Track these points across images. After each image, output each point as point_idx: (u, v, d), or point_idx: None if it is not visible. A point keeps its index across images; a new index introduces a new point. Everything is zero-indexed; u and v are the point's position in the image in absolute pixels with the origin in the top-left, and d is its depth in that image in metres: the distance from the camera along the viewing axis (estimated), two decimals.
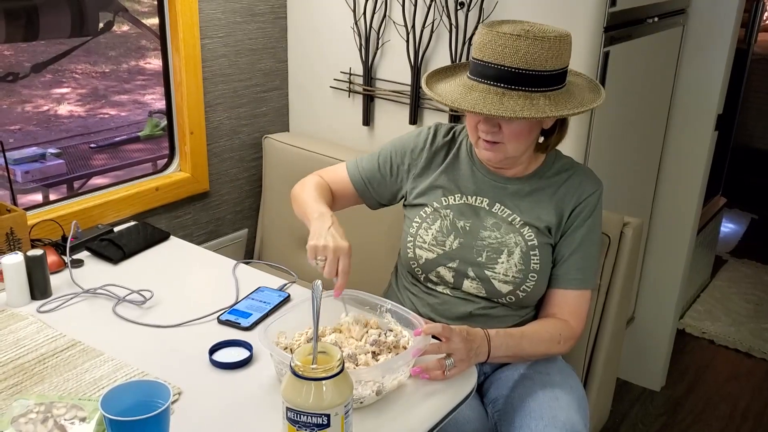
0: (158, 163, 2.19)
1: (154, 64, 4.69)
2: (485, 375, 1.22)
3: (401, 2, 1.59)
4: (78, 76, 4.61)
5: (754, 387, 2.17)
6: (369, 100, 1.73)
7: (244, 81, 1.78)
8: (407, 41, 1.61)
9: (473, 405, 1.14)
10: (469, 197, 1.19)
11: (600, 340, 1.36)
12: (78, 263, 1.30)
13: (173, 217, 1.72)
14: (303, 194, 1.21)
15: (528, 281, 1.15)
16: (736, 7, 1.77)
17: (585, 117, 1.46)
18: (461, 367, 1.01)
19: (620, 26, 1.47)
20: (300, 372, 0.79)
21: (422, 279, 1.22)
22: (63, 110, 4.30)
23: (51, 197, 2.55)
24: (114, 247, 1.34)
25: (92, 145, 3.47)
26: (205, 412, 0.92)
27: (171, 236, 1.44)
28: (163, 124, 1.86)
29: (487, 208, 1.18)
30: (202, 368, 1.02)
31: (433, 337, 1.01)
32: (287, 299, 1.20)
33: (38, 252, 1.18)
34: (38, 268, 1.17)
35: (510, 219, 1.17)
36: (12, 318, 1.12)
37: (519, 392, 1.13)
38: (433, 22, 1.56)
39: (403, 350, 1.00)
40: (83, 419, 0.87)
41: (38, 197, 2.79)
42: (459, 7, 1.50)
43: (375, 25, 1.65)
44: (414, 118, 1.66)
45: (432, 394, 0.97)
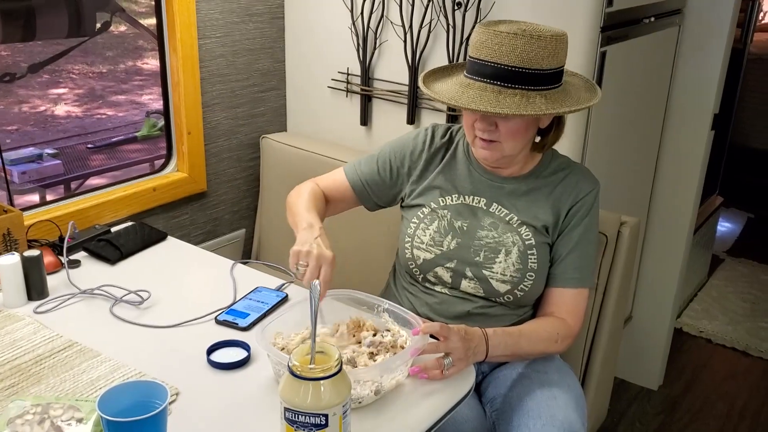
0: (156, 164, 2.19)
1: (152, 65, 4.68)
2: (483, 374, 1.22)
3: (398, 2, 1.59)
4: (75, 77, 4.60)
5: (752, 386, 2.17)
6: (367, 100, 1.73)
7: (242, 81, 1.78)
8: (405, 41, 1.61)
9: (471, 404, 1.14)
10: (467, 197, 1.19)
11: (597, 339, 1.37)
12: (75, 264, 1.30)
13: (171, 218, 1.72)
14: (296, 203, 1.20)
15: (526, 280, 1.16)
16: (732, 7, 1.77)
17: (582, 117, 1.46)
18: (459, 367, 1.01)
19: (617, 26, 1.47)
20: (298, 372, 0.79)
21: (420, 279, 1.22)
22: (60, 111, 4.29)
23: (48, 198, 2.55)
24: (111, 248, 1.34)
25: (89, 146, 3.46)
26: (203, 413, 0.92)
27: (168, 236, 1.44)
28: (161, 125, 1.86)
29: (485, 208, 1.18)
30: (200, 368, 1.02)
31: (431, 336, 1.01)
32: (285, 299, 1.20)
33: (35, 252, 1.17)
34: (35, 269, 1.17)
35: (507, 218, 1.17)
36: (9, 319, 1.12)
37: (517, 391, 1.13)
38: (431, 22, 1.56)
39: (401, 350, 1.00)
40: (80, 420, 0.87)
41: (35, 198, 2.78)
42: (456, 7, 1.51)
43: (372, 25, 1.65)
44: (412, 118, 1.66)
45: (430, 394, 0.97)
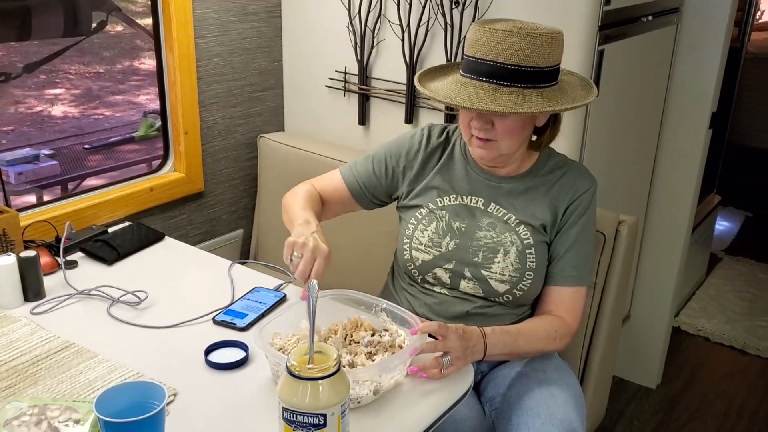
0: (153, 164, 2.18)
1: (149, 65, 4.67)
2: (482, 373, 1.22)
3: (396, 1, 1.59)
4: (72, 77, 4.59)
5: (750, 384, 2.17)
6: (364, 99, 1.73)
7: (239, 80, 1.78)
8: (402, 40, 1.60)
9: (470, 403, 1.14)
10: (464, 197, 1.19)
11: (596, 338, 1.37)
12: (72, 264, 1.30)
13: (168, 218, 1.71)
14: (292, 203, 1.20)
15: (524, 280, 1.15)
16: (730, 6, 1.77)
17: (580, 115, 1.46)
18: (458, 366, 1.01)
19: (615, 25, 1.47)
20: (296, 372, 0.78)
21: (419, 280, 1.22)
22: (57, 111, 4.28)
23: (45, 199, 2.54)
24: (108, 248, 1.34)
25: (86, 146, 3.45)
26: (201, 413, 0.92)
27: (166, 237, 1.43)
28: (158, 125, 1.85)
29: (483, 208, 1.18)
30: (198, 369, 1.01)
31: (430, 336, 1.01)
32: (283, 299, 1.20)
33: (31, 253, 1.17)
34: (31, 270, 1.16)
35: (505, 218, 1.17)
36: (5, 320, 1.12)
37: (516, 390, 1.13)
38: (428, 21, 1.56)
39: (400, 349, 1.00)
40: (77, 421, 0.86)
41: (32, 199, 2.77)
42: (454, 6, 1.50)
43: (370, 24, 1.65)
44: (410, 117, 1.66)
45: (429, 393, 0.97)
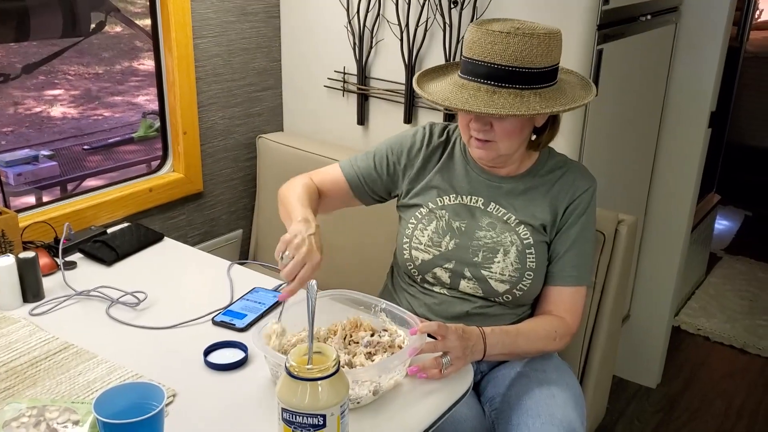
0: (152, 164, 2.18)
1: (148, 65, 4.67)
2: (482, 373, 1.22)
3: (395, 1, 1.59)
4: (71, 78, 4.58)
5: (750, 383, 2.17)
6: (363, 99, 1.73)
7: (238, 81, 1.78)
8: (401, 40, 1.60)
9: (470, 403, 1.14)
10: (464, 197, 1.19)
11: (596, 338, 1.36)
12: (71, 265, 1.29)
13: (167, 218, 1.71)
14: (290, 196, 1.19)
15: (524, 280, 1.15)
16: (728, 5, 1.77)
17: (579, 115, 1.46)
18: (458, 366, 1.00)
19: (613, 24, 1.47)
20: (295, 372, 0.78)
21: (419, 280, 1.22)
22: (56, 112, 4.27)
23: (44, 200, 2.54)
24: (107, 249, 1.33)
25: (85, 147, 3.45)
26: (200, 414, 0.92)
27: (165, 237, 1.43)
28: (157, 125, 1.85)
29: (482, 208, 1.18)
30: (197, 370, 1.01)
31: (429, 336, 1.00)
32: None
33: (30, 254, 1.17)
34: (30, 271, 1.16)
35: (505, 218, 1.17)
36: (4, 321, 1.11)
37: (516, 390, 1.13)
38: (427, 21, 1.56)
39: (399, 350, 1.00)
40: (76, 422, 0.86)
41: (31, 200, 2.76)
42: (453, 6, 1.50)
43: (369, 24, 1.65)
44: (409, 117, 1.66)
45: (429, 393, 0.97)
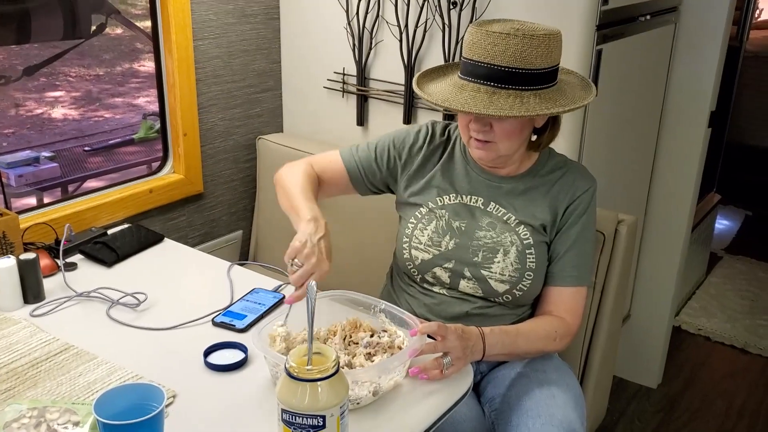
0: (153, 166, 2.18)
1: (149, 67, 4.67)
2: (482, 374, 1.22)
3: (394, 2, 1.59)
4: (72, 79, 4.59)
5: (750, 383, 2.17)
6: (363, 100, 1.73)
7: (238, 82, 1.78)
8: (400, 41, 1.60)
9: (470, 404, 1.14)
10: (464, 197, 1.19)
11: (596, 338, 1.36)
12: (71, 266, 1.30)
13: (167, 219, 1.71)
14: (292, 184, 1.17)
15: (524, 280, 1.15)
16: (728, 5, 1.77)
17: (579, 115, 1.46)
18: (458, 366, 1.01)
19: (613, 24, 1.47)
20: (295, 373, 0.78)
21: (418, 280, 1.22)
22: (57, 113, 4.28)
23: (45, 201, 2.54)
24: (107, 250, 1.34)
25: (86, 148, 3.45)
26: (200, 415, 0.92)
27: (165, 238, 1.44)
28: (158, 127, 1.85)
29: (482, 208, 1.18)
30: (197, 371, 1.01)
31: (429, 336, 1.00)
32: (282, 300, 1.20)
33: (31, 255, 1.17)
34: (31, 272, 1.16)
35: (505, 218, 1.17)
36: (5, 322, 1.12)
37: (516, 391, 1.13)
38: (426, 22, 1.56)
39: (399, 350, 1.00)
40: (76, 423, 0.87)
41: (32, 201, 2.77)
42: (452, 7, 1.50)
43: (368, 25, 1.65)
44: (408, 118, 1.66)
45: (429, 394, 0.97)
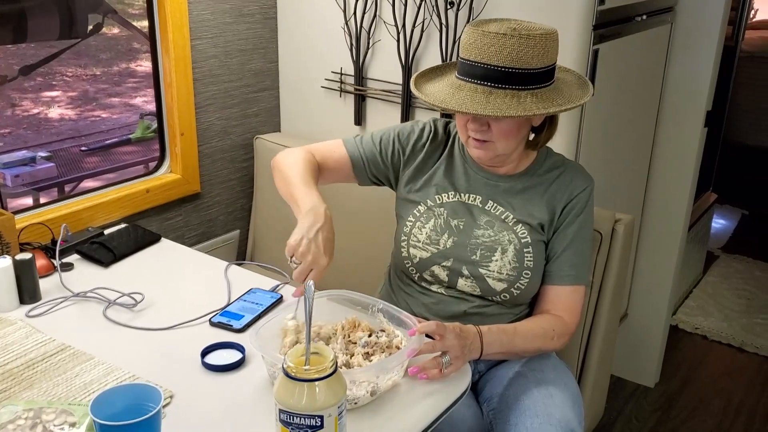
0: (150, 165, 2.18)
1: (146, 67, 4.66)
2: (480, 373, 1.22)
3: (391, 2, 1.59)
4: (69, 79, 4.58)
5: (748, 381, 2.18)
6: (360, 100, 1.73)
7: (235, 82, 1.78)
8: (398, 41, 1.60)
9: (468, 404, 1.14)
10: (463, 195, 1.19)
11: (593, 337, 1.37)
12: (68, 267, 1.29)
13: (164, 219, 1.71)
14: (291, 170, 1.15)
15: (522, 279, 1.15)
16: (723, 5, 1.78)
17: (575, 114, 1.46)
18: (457, 365, 1.01)
19: (609, 24, 1.48)
20: (292, 373, 0.78)
21: (416, 278, 1.22)
22: (53, 113, 4.27)
23: (41, 201, 2.53)
24: (104, 250, 1.33)
25: (83, 148, 3.45)
26: (198, 415, 0.92)
27: (162, 238, 1.43)
28: (155, 126, 1.85)
29: (480, 206, 1.18)
30: (194, 371, 1.01)
31: (427, 336, 1.00)
32: (280, 300, 1.20)
33: (27, 256, 1.17)
34: (27, 272, 1.16)
35: (503, 217, 1.17)
36: (0, 323, 1.11)
37: (513, 390, 1.13)
38: (423, 22, 1.56)
39: (397, 350, 1.00)
40: (73, 424, 0.86)
41: (28, 201, 2.76)
42: (449, 7, 1.51)
43: (365, 25, 1.65)
44: (405, 118, 1.66)
45: (427, 394, 0.97)
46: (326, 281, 1.06)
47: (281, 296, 1.21)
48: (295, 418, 0.78)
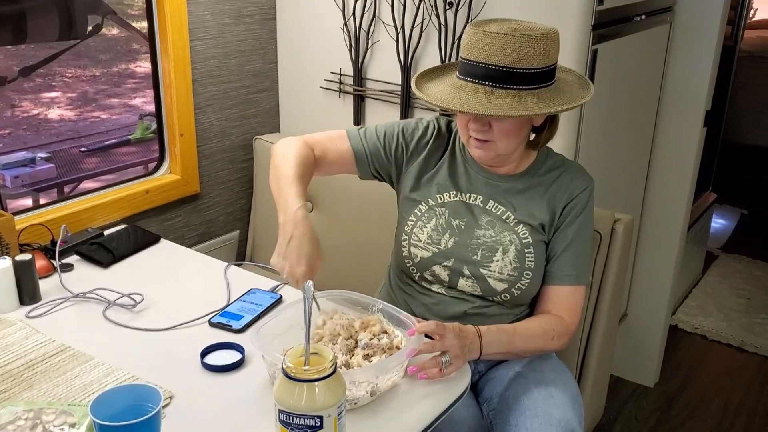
0: (149, 166, 2.18)
1: (145, 67, 4.66)
2: (480, 374, 1.22)
3: (390, 2, 1.59)
4: (68, 80, 4.58)
5: (747, 381, 2.18)
6: (359, 100, 1.73)
7: (234, 82, 1.78)
8: (397, 41, 1.61)
9: (468, 404, 1.14)
10: (464, 194, 1.19)
11: (593, 337, 1.37)
12: (67, 267, 1.29)
13: (164, 220, 1.71)
14: (282, 168, 1.13)
15: (523, 279, 1.16)
16: (722, 5, 1.78)
17: (575, 114, 1.46)
18: (457, 364, 1.01)
19: (608, 24, 1.48)
20: (292, 374, 0.78)
21: (417, 278, 1.22)
22: (53, 114, 4.27)
23: (41, 202, 2.53)
24: (104, 251, 1.33)
25: (83, 149, 3.45)
26: (197, 416, 0.92)
27: (162, 239, 1.43)
28: (154, 127, 1.85)
29: (481, 206, 1.18)
30: (194, 371, 1.01)
31: (426, 336, 1.01)
32: (279, 301, 1.20)
33: (27, 256, 1.17)
34: (27, 273, 1.16)
35: (504, 217, 1.17)
36: (0, 324, 1.11)
37: (513, 390, 1.13)
38: (422, 22, 1.56)
39: (396, 350, 1.00)
40: (73, 425, 0.86)
41: (28, 202, 2.76)
42: (448, 7, 1.51)
43: (364, 26, 1.65)
44: (405, 118, 1.66)
45: (426, 394, 0.97)
46: (326, 281, 1.06)
47: (281, 296, 1.21)
48: (295, 419, 0.78)
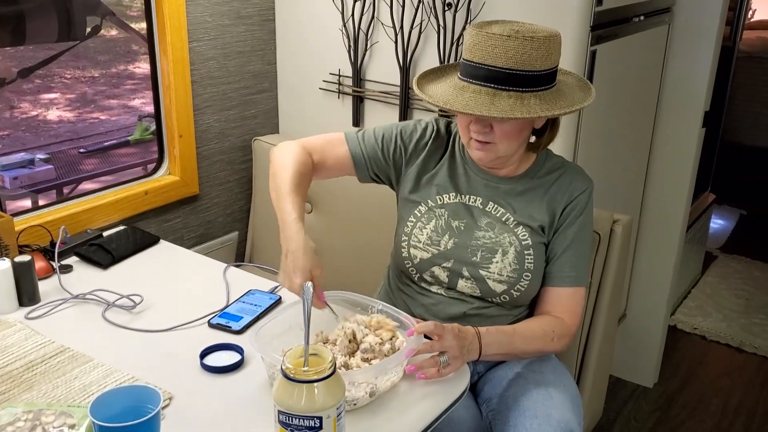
0: (148, 167, 2.18)
1: (144, 68, 4.66)
2: (479, 374, 1.22)
3: (389, 3, 1.59)
4: (67, 81, 4.58)
5: (746, 382, 2.18)
6: (358, 101, 1.73)
7: (233, 83, 1.78)
8: (396, 42, 1.61)
9: (467, 404, 1.14)
10: (464, 196, 1.19)
11: (592, 338, 1.37)
12: (67, 269, 1.29)
13: (163, 221, 1.71)
14: (280, 178, 1.13)
15: (522, 280, 1.16)
16: (721, 5, 1.78)
17: (574, 115, 1.46)
18: (455, 365, 1.01)
19: (607, 25, 1.48)
20: (291, 374, 0.78)
21: (416, 279, 1.22)
22: (52, 115, 4.27)
23: (40, 203, 2.53)
24: (103, 252, 1.33)
25: (81, 150, 3.45)
26: (197, 417, 0.92)
27: (161, 240, 1.43)
28: (153, 128, 1.85)
29: (481, 207, 1.18)
30: (193, 372, 1.01)
31: (425, 336, 1.01)
32: (278, 302, 1.20)
33: (26, 258, 1.17)
34: (26, 274, 1.16)
35: (504, 218, 1.17)
36: (0, 325, 1.11)
37: (513, 391, 1.13)
38: (421, 23, 1.56)
39: (396, 351, 1.00)
40: (72, 426, 0.86)
41: (27, 203, 2.76)
42: (446, 8, 1.51)
43: (363, 27, 1.65)
44: (404, 119, 1.66)
45: (426, 395, 0.97)
46: (325, 282, 1.06)
47: (280, 297, 1.21)
48: (294, 420, 0.78)
